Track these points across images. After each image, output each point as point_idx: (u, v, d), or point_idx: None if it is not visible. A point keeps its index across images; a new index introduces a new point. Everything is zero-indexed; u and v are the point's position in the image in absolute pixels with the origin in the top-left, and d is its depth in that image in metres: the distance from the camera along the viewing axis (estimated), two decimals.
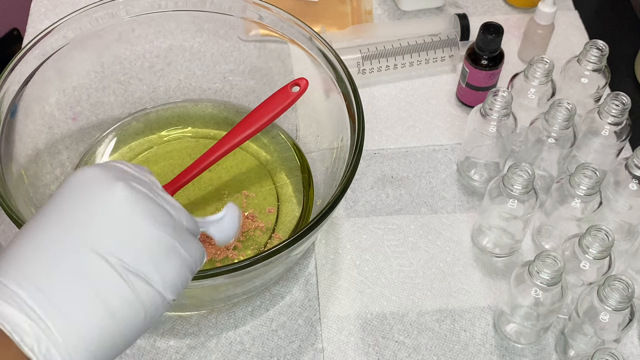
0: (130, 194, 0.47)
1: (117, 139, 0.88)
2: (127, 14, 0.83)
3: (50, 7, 1.05)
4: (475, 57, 0.90)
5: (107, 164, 0.50)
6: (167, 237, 0.48)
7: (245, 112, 0.85)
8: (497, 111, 0.80)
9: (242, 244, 0.79)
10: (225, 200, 0.83)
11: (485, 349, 0.76)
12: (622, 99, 0.80)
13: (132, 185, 0.48)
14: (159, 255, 0.47)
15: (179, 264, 0.48)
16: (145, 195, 0.48)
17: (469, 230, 0.85)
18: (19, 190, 0.74)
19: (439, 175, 0.89)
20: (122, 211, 0.47)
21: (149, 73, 0.91)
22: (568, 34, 1.05)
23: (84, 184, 0.48)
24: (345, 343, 0.76)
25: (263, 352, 0.75)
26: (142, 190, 0.48)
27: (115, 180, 0.48)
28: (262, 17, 0.83)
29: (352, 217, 0.85)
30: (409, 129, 0.94)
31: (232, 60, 0.92)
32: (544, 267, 0.67)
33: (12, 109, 0.75)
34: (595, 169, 0.74)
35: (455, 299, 0.79)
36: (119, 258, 0.45)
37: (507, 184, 0.74)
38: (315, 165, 0.85)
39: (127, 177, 0.49)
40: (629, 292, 0.66)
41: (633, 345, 0.77)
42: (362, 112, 0.74)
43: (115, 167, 0.50)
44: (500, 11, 1.07)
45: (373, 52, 0.96)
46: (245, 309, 0.78)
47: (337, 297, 0.79)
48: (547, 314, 0.71)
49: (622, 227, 0.82)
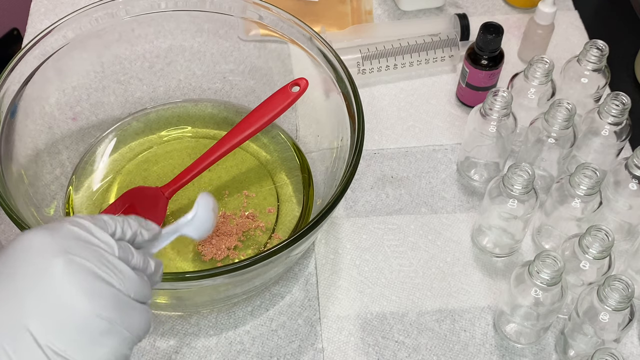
0: (69, 271, 0.45)
1: (117, 139, 0.88)
2: (127, 14, 0.83)
3: (50, 7, 1.05)
4: (475, 57, 0.90)
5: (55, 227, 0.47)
6: (103, 318, 0.45)
7: (245, 112, 0.85)
8: (497, 111, 0.80)
9: (242, 244, 0.79)
10: (226, 201, 0.83)
11: (485, 349, 0.76)
12: (622, 99, 0.80)
13: (73, 260, 0.45)
14: (92, 338, 0.45)
15: (115, 344, 0.46)
16: (87, 272, 0.46)
17: (469, 230, 0.85)
18: (19, 190, 0.74)
19: (439, 175, 0.89)
20: (58, 290, 0.44)
21: (149, 73, 0.91)
22: (568, 34, 1.05)
23: (26, 254, 0.46)
24: (345, 343, 0.76)
25: (263, 352, 0.75)
26: (85, 266, 0.46)
27: (56, 253, 0.45)
28: (262, 17, 0.83)
29: (352, 217, 0.85)
30: (409, 129, 0.94)
31: (232, 60, 0.92)
32: (544, 267, 0.67)
33: (12, 109, 0.76)
34: (595, 169, 0.74)
35: (455, 299, 0.79)
36: (49, 340, 0.43)
37: (507, 184, 0.74)
38: (315, 165, 0.85)
39: (71, 247, 0.46)
40: (629, 292, 0.66)
41: (633, 345, 0.77)
42: (362, 112, 0.74)
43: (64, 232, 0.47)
44: (500, 11, 1.07)
45: (373, 52, 0.96)
46: (245, 309, 0.78)
47: (337, 297, 0.79)
48: (547, 314, 0.71)
49: (622, 227, 0.82)
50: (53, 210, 0.80)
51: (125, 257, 0.49)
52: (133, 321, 0.47)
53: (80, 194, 0.83)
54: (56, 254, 0.45)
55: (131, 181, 0.85)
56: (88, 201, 0.83)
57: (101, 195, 0.83)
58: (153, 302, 0.72)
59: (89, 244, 0.47)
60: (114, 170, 0.86)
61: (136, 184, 0.84)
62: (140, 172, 0.86)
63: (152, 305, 0.75)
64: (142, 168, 0.86)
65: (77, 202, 0.83)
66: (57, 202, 0.81)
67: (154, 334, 0.75)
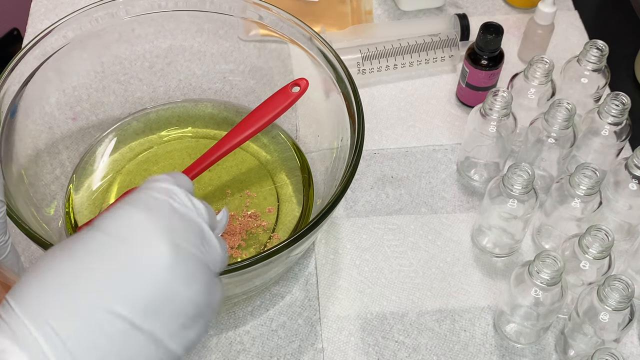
0: (175, 259, 0.44)
1: (117, 139, 0.88)
2: (127, 14, 0.83)
3: (50, 7, 1.05)
4: (475, 57, 0.90)
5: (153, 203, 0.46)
6: (197, 304, 0.45)
7: (245, 112, 0.85)
8: (497, 111, 0.80)
9: (245, 243, 0.79)
10: (229, 200, 0.83)
11: (485, 349, 0.76)
12: (622, 99, 0.80)
13: (178, 245, 0.45)
14: (185, 323, 0.45)
15: (202, 326, 0.47)
16: (190, 257, 0.45)
17: (469, 230, 0.85)
18: (19, 190, 0.74)
19: (439, 175, 0.89)
20: (161, 278, 0.43)
21: (149, 73, 0.91)
22: (568, 34, 1.05)
23: (128, 234, 0.44)
24: (345, 343, 0.76)
25: (263, 352, 0.75)
26: (188, 251, 0.45)
27: (161, 238, 0.44)
28: (262, 17, 0.83)
29: (352, 217, 0.85)
30: (409, 129, 0.94)
31: (232, 60, 0.92)
32: (544, 267, 0.67)
33: (12, 109, 0.75)
34: (595, 169, 0.74)
35: (455, 299, 0.79)
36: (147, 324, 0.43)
37: (507, 184, 0.74)
38: (315, 165, 0.85)
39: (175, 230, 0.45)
40: (629, 292, 0.66)
41: (633, 345, 0.77)
42: (362, 112, 0.74)
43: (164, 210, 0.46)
44: (500, 11, 1.07)
45: (373, 52, 0.96)
46: (245, 309, 0.78)
47: (337, 297, 0.79)
48: (547, 314, 0.71)
49: (622, 227, 0.82)
50: (53, 210, 0.80)
51: (212, 223, 0.49)
52: (216, 298, 0.48)
53: (80, 193, 0.83)
54: (163, 239, 0.44)
55: (131, 181, 0.85)
56: (88, 201, 0.83)
57: (101, 195, 0.83)
58: None
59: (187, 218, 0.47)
60: (114, 170, 0.86)
61: (136, 184, 0.84)
62: (140, 172, 0.86)
63: None
64: (142, 168, 0.86)
65: (77, 202, 0.83)
66: (57, 202, 0.81)
67: None
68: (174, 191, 0.48)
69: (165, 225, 0.45)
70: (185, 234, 0.46)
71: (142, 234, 0.45)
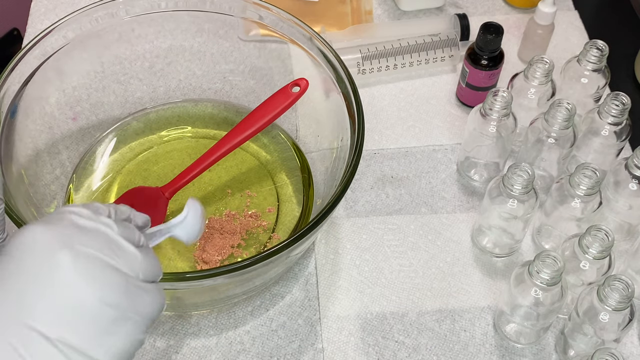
0: (75, 262, 0.44)
1: (117, 139, 0.88)
2: (127, 14, 0.83)
3: (50, 7, 1.05)
4: (475, 57, 0.90)
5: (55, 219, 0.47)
6: (113, 306, 0.45)
7: (245, 112, 0.85)
8: (497, 111, 0.80)
9: (245, 242, 0.79)
10: (229, 200, 0.83)
11: (485, 349, 0.76)
12: (622, 99, 0.80)
13: (78, 250, 0.45)
14: (104, 327, 0.44)
15: (127, 330, 0.46)
16: (93, 259, 0.45)
17: (469, 230, 0.85)
18: (19, 190, 0.74)
19: (439, 175, 0.89)
20: (67, 284, 0.44)
21: (149, 73, 0.91)
22: (568, 34, 1.05)
23: (30, 250, 0.45)
24: (345, 343, 0.76)
25: (263, 352, 0.75)
26: (90, 254, 0.45)
27: (61, 246, 0.45)
28: (262, 17, 0.83)
29: (352, 217, 0.85)
30: (409, 129, 0.94)
31: (232, 60, 0.92)
32: (544, 267, 0.67)
33: (12, 109, 0.76)
34: (595, 169, 0.74)
35: (455, 299, 0.79)
36: (60, 335, 0.43)
37: (507, 184, 0.74)
38: (315, 165, 0.85)
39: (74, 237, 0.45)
40: (629, 292, 0.66)
41: (633, 345, 0.77)
42: (362, 112, 0.74)
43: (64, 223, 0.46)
44: (500, 11, 1.07)
45: (373, 52, 0.96)
46: (245, 309, 0.78)
47: (337, 297, 0.79)
48: (547, 314, 0.71)
49: (622, 227, 0.82)
50: (53, 210, 0.80)
51: (128, 235, 0.49)
52: (144, 304, 0.47)
53: (80, 193, 0.83)
54: (61, 246, 0.45)
55: (131, 181, 0.85)
56: (88, 201, 0.83)
57: (101, 195, 0.83)
58: None
59: (90, 229, 0.47)
60: (114, 170, 0.86)
61: (136, 184, 0.84)
62: (140, 172, 0.86)
63: None
64: (142, 168, 0.86)
65: (77, 202, 0.83)
66: (57, 202, 0.81)
67: (154, 334, 0.75)
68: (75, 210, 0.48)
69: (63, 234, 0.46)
70: (87, 241, 0.46)
71: (41, 246, 0.45)
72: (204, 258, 0.77)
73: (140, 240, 0.50)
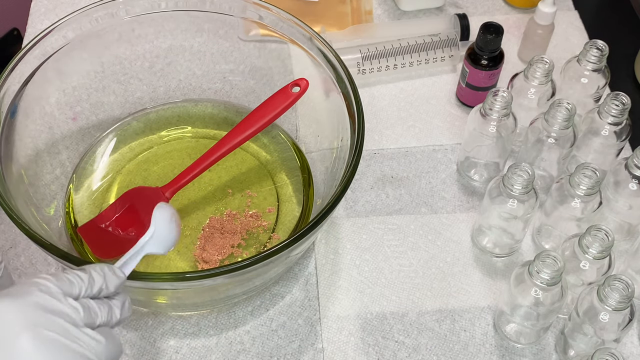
0: (36, 348, 0.44)
1: (117, 139, 0.88)
2: (127, 14, 0.83)
3: (50, 7, 1.05)
4: (475, 57, 0.90)
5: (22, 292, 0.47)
6: None
7: (245, 112, 0.85)
8: (497, 111, 0.80)
9: (245, 242, 0.79)
10: (230, 199, 0.83)
11: (485, 349, 0.76)
12: (622, 99, 0.80)
13: (40, 334, 0.45)
14: None
15: None
16: (55, 344, 0.45)
17: (469, 230, 0.85)
18: (19, 190, 0.74)
19: (439, 175, 0.89)
20: None
21: (149, 73, 0.91)
22: (568, 34, 1.05)
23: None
24: (345, 343, 0.76)
25: (263, 352, 0.75)
26: (52, 338, 0.45)
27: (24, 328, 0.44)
28: (262, 17, 0.83)
29: (352, 217, 0.85)
30: (409, 129, 0.94)
31: (232, 60, 0.92)
32: (544, 267, 0.67)
33: (12, 109, 0.75)
34: (595, 169, 0.74)
35: (455, 299, 0.79)
36: None
37: (507, 184, 0.74)
38: (315, 165, 0.85)
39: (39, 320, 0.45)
40: (629, 292, 0.66)
41: (633, 345, 0.77)
42: (362, 112, 0.74)
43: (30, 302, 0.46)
44: (500, 11, 1.07)
45: (373, 52, 0.96)
46: (245, 309, 0.78)
47: (337, 297, 0.79)
48: (547, 314, 0.71)
49: (622, 227, 0.82)
50: (53, 210, 0.80)
51: (91, 321, 0.49)
52: None
53: (80, 193, 0.83)
54: (24, 328, 0.44)
55: (131, 181, 0.85)
56: (88, 201, 0.83)
57: (101, 195, 0.83)
58: (153, 301, 0.72)
59: (55, 313, 0.47)
60: (114, 170, 0.86)
61: (136, 184, 0.84)
62: (140, 172, 0.86)
63: (152, 305, 0.76)
64: (142, 168, 0.86)
65: (77, 202, 0.83)
66: (57, 202, 0.81)
67: (154, 334, 0.75)
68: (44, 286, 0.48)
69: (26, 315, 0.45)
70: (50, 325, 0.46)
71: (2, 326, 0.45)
72: (204, 257, 0.77)
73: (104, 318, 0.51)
